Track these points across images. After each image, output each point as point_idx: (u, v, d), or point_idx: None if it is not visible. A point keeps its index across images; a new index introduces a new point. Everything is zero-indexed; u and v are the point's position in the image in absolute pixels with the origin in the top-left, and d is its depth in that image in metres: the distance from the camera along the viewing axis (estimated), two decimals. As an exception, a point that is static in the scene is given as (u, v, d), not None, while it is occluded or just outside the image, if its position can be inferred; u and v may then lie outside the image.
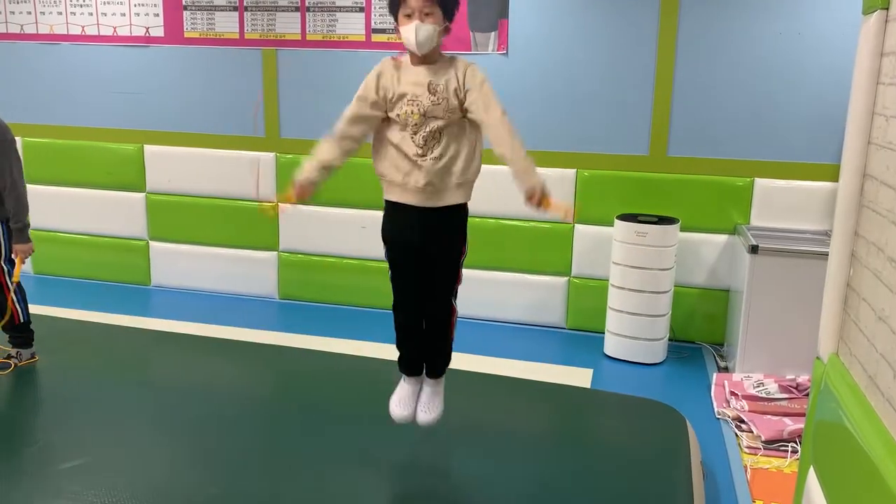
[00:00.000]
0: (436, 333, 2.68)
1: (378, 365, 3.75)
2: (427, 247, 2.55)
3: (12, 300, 3.54)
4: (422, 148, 2.45)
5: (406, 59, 2.52)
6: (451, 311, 2.66)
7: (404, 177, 2.48)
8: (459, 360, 2.83)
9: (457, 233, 2.59)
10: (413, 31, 2.39)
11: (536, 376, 3.77)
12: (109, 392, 3.38)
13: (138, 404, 3.25)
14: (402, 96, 2.46)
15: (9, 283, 3.51)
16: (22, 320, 3.58)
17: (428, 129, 2.44)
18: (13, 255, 3.48)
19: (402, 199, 2.52)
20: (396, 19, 2.47)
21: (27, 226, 3.47)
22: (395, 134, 2.49)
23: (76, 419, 3.11)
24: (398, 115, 2.47)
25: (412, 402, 2.73)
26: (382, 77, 2.51)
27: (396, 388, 2.76)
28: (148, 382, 3.53)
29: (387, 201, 2.58)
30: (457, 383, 2.98)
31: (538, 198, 2.39)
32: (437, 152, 2.45)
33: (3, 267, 3.51)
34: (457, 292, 2.65)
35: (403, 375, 2.75)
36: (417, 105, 2.43)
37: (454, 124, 2.46)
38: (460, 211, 2.57)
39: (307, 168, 2.55)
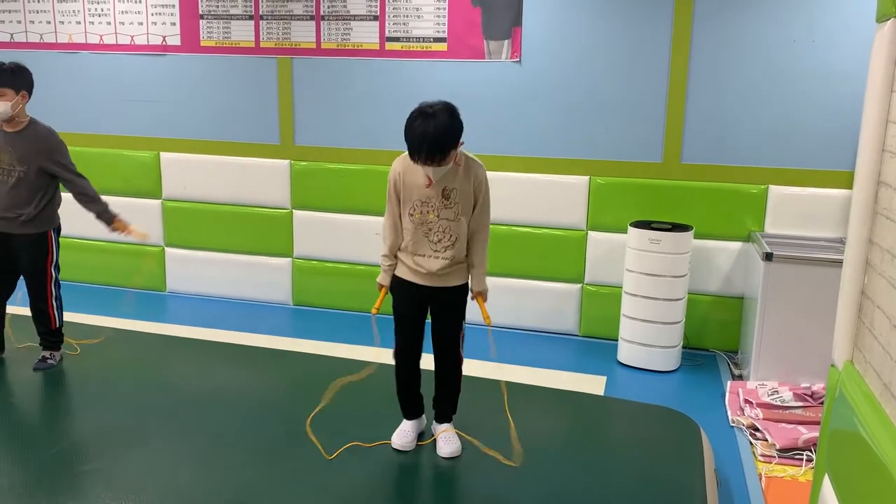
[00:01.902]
0: (446, 381, 2.95)
1: (392, 371, 3.76)
2: (433, 311, 2.89)
3: (52, 305, 3.66)
4: (436, 244, 2.78)
5: None
6: (458, 359, 2.94)
7: (416, 264, 2.80)
8: (472, 367, 2.89)
9: (461, 301, 2.90)
10: (432, 174, 2.69)
11: (550, 383, 3.77)
12: (125, 397, 3.40)
13: (153, 409, 3.28)
14: (417, 198, 2.75)
15: (52, 290, 3.63)
16: (58, 325, 3.72)
17: (441, 228, 2.76)
18: (120, 232, 3.69)
19: (413, 279, 2.84)
20: None
21: (106, 206, 3.68)
22: (410, 228, 2.78)
23: (93, 423, 3.14)
24: (412, 215, 2.76)
25: (413, 434, 2.97)
26: (398, 179, 2.79)
27: (399, 426, 2.99)
28: (163, 387, 3.55)
29: (395, 276, 2.90)
30: (470, 389, 2.99)
31: (479, 297, 2.89)
32: (448, 249, 2.78)
33: (50, 272, 3.58)
34: (463, 344, 2.93)
35: (404, 420, 3.00)
36: (432, 207, 2.75)
37: (462, 222, 2.78)
38: (464, 287, 2.90)
39: (387, 270, 2.94)
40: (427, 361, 2.98)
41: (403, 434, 2.95)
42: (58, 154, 3.55)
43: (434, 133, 2.57)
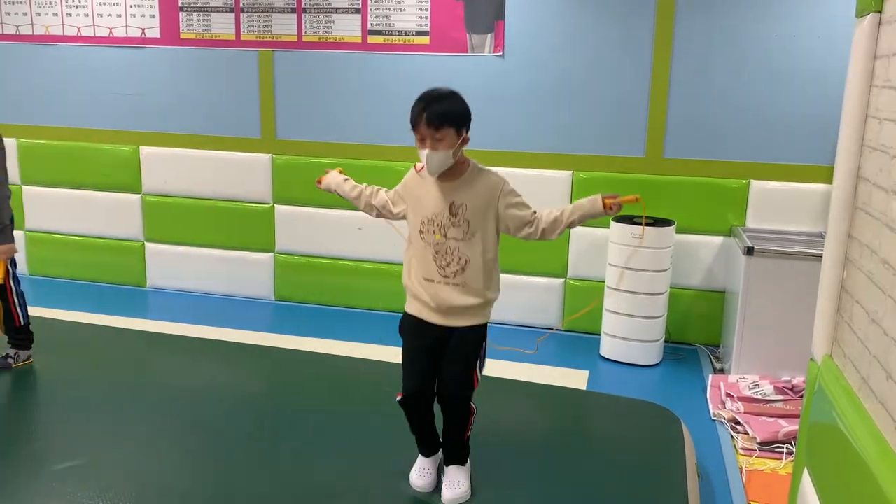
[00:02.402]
0: (452, 432, 2.62)
1: (374, 366, 3.75)
2: (443, 354, 2.53)
3: (14, 303, 3.54)
4: (444, 269, 2.47)
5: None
6: (468, 411, 2.59)
7: (425, 295, 2.50)
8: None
9: (474, 347, 2.55)
10: (426, 159, 2.41)
11: (532, 378, 3.78)
12: (104, 394, 3.37)
13: (133, 406, 3.25)
14: (423, 215, 2.49)
15: (12, 286, 3.52)
16: (22, 323, 3.58)
17: (447, 249, 2.46)
18: None
19: (422, 315, 2.54)
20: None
21: (7, 226, 3.41)
22: (418, 249, 2.52)
23: (71, 421, 3.10)
24: (420, 233, 2.50)
25: (432, 472, 2.67)
26: (406, 192, 2.57)
27: (416, 461, 2.71)
28: (143, 384, 3.52)
29: (406, 312, 2.60)
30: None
31: (610, 205, 2.50)
32: (457, 275, 2.47)
33: (9, 269, 3.51)
34: (473, 395, 2.59)
35: (419, 456, 2.72)
36: (438, 225, 2.46)
37: (475, 243, 2.47)
38: (478, 329, 2.55)
39: (342, 184, 2.73)
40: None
41: (422, 475, 2.66)
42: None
43: (437, 94, 2.41)
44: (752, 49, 4.19)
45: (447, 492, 2.58)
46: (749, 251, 3.82)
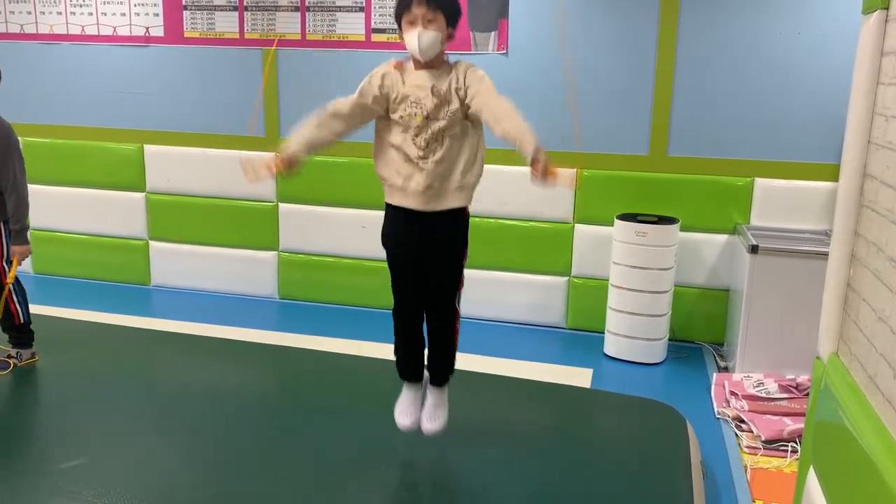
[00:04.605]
0: (439, 339, 2.68)
1: (378, 364, 3.75)
2: (428, 251, 2.56)
3: (13, 300, 3.53)
4: (423, 150, 2.48)
5: (410, 63, 2.54)
6: (454, 315, 2.66)
7: (405, 180, 2.51)
8: (460, 360, 2.83)
9: (457, 237, 2.60)
10: (416, 38, 2.43)
11: (536, 376, 3.77)
12: (109, 392, 3.37)
13: (137, 404, 3.25)
14: (404, 98, 2.49)
15: (8, 284, 3.51)
16: (22, 321, 3.57)
17: (430, 132, 2.47)
18: (11, 256, 3.48)
19: (403, 202, 2.54)
20: (400, 26, 2.50)
21: (26, 227, 3.46)
22: (396, 136, 2.52)
23: (75, 419, 3.11)
24: (401, 118, 2.49)
25: (415, 409, 2.75)
26: (386, 77, 2.53)
27: (400, 395, 2.77)
28: (147, 382, 3.53)
29: (387, 205, 2.60)
30: (457, 383, 2.97)
31: (543, 164, 2.29)
32: (438, 155, 2.48)
33: (3, 267, 3.50)
34: (460, 297, 2.65)
35: (404, 382, 2.77)
36: (420, 107, 2.46)
37: (456, 127, 2.49)
38: (461, 215, 2.59)
39: (295, 142, 2.56)
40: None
41: (406, 412, 2.73)
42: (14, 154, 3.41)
43: None
44: (757, 46, 4.18)
45: (427, 423, 2.70)
46: (753, 249, 3.81)
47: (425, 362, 2.79)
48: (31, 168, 5.36)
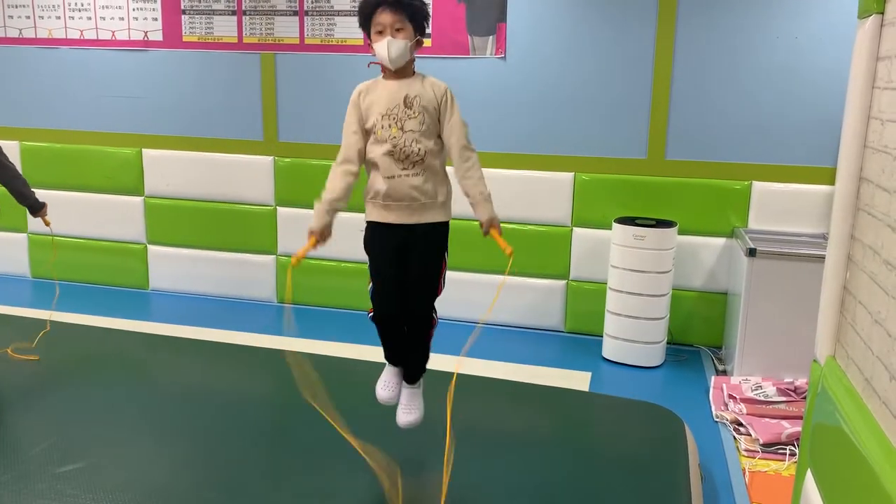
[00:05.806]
0: (414, 343, 2.75)
1: (376, 368, 3.74)
2: (407, 263, 2.61)
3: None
4: (402, 162, 2.50)
5: (380, 77, 2.58)
6: (430, 322, 2.72)
7: (384, 197, 2.54)
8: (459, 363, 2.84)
9: (435, 250, 2.63)
10: (385, 47, 2.44)
11: (535, 380, 3.78)
12: (107, 396, 3.37)
13: (136, 408, 3.25)
14: (378, 112, 2.51)
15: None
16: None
17: (405, 142, 2.49)
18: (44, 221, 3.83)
19: (383, 218, 2.59)
20: (369, 35, 2.52)
21: (35, 200, 3.76)
22: (375, 150, 2.53)
23: (74, 423, 3.10)
24: (375, 131, 2.51)
25: (395, 384, 2.80)
26: (362, 95, 2.57)
27: (382, 372, 2.84)
28: (146, 386, 3.52)
29: (368, 222, 2.66)
30: (456, 386, 2.96)
31: (492, 228, 2.53)
32: (417, 168, 2.50)
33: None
34: (434, 303, 2.71)
35: (386, 364, 2.83)
36: (394, 118, 2.49)
37: (431, 139, 2.51)
38: (440, 229, 2.61)
39: (319, 213, 2.63)
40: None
41: (387, 387, 2.78)
42: None
43: None
44: (754, 50, 4.19)
45: (402, 416, 2.76)
46: (751, 252, 3.82)
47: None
48: (30, 172, 5.39)
